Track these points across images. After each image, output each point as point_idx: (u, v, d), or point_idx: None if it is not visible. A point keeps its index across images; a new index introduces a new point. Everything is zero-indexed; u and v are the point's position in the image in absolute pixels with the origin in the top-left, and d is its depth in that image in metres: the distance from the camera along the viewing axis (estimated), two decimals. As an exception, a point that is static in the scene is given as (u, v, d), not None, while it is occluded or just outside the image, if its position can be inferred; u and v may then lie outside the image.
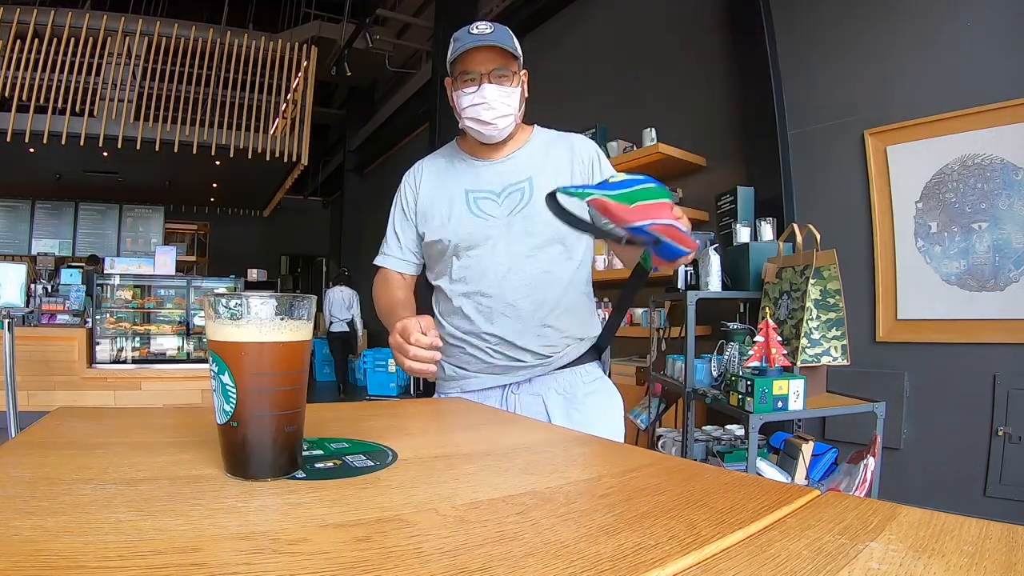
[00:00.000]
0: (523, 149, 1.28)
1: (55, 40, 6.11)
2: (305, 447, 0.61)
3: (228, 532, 0.38)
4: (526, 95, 1.27)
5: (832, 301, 2.16)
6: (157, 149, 6.49)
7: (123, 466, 0.53)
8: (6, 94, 5.89)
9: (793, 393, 1.91)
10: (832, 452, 2.20)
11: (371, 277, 1.39)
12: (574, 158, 1.28)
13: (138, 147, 6.37)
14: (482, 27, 1.19)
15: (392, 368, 6.97)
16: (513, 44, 1.18)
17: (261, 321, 0.51)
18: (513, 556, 0.36)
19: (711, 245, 2.66)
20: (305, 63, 7.11)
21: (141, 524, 0.39)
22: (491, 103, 1.16)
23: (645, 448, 0.74)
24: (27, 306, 3.88)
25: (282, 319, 0.52)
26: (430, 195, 1.30)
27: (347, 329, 7.43)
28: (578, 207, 0.95)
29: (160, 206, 8.63)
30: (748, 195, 2.92)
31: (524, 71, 1.24)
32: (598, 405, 1.24)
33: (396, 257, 1.34)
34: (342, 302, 7.38)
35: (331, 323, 7.39)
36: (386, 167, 9.43)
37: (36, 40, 6.03)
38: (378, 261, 1.35)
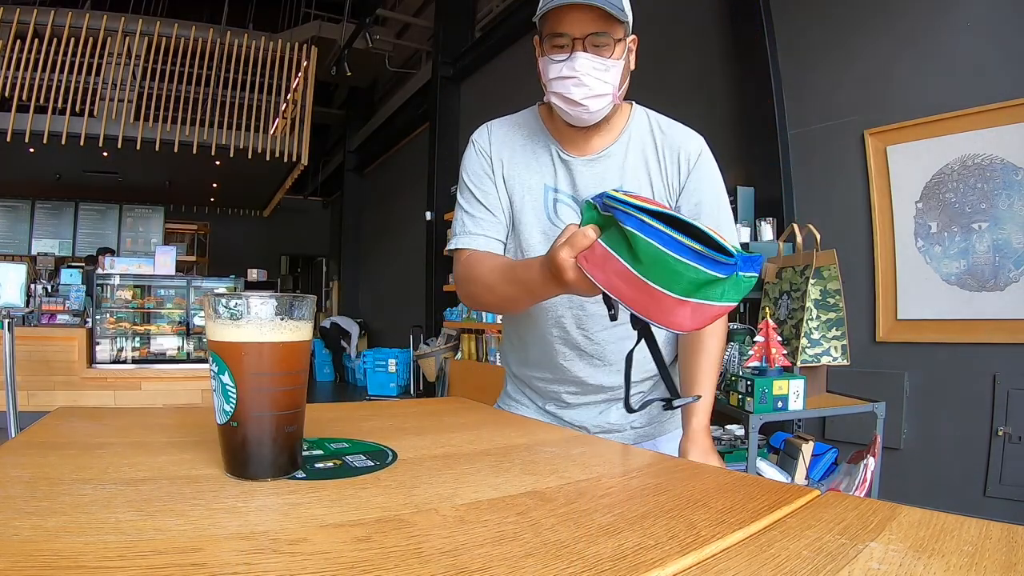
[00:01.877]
0: (618, 144, 1.05)
1: (55, 40, 6.10)
2: (305, 447, 0.61)
3: (228, 532, 0.38)
4: (632, 66, 1.03)
5: (832, 301, 2.16)
6: (157, 149, 6.49)
7: (123, 466, 0.53)
8: (6, 94, 5.88)
9: (793, 393, 1.91)
10: (832, 452, 2.20)
11: (373, 279, 1.25)
12: (671, 165, 1.05)
13: (138, 147, 6.37)
14: None
15: (392, 368, 6.98)
16: (620, 2, 0.93)
17: (261, 321, 0.51)
18: (513, 556, 0.36)
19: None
20: (305, 63, 7.10)
21: (141, 524, 0.39)
22: (582, 78, 0.93)
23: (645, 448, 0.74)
24: (27, 306, 3.88)
25: (282, 319, 0.52)
26: (505, 168, 1.07)
27: (328, 326, 8.51)
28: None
29: (160, 206, 8.63)
30: (748, 195, 2.92)
31: (633, 36, 1.01)
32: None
33: (486, 235, 1.04)
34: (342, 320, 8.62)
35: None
36: (386, 167, 9.43)
37: (36, 40, 6.03)
38: (461, 244, 1.05)
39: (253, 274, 8.52)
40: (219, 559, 0.34)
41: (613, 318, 0.77)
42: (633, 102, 1.11)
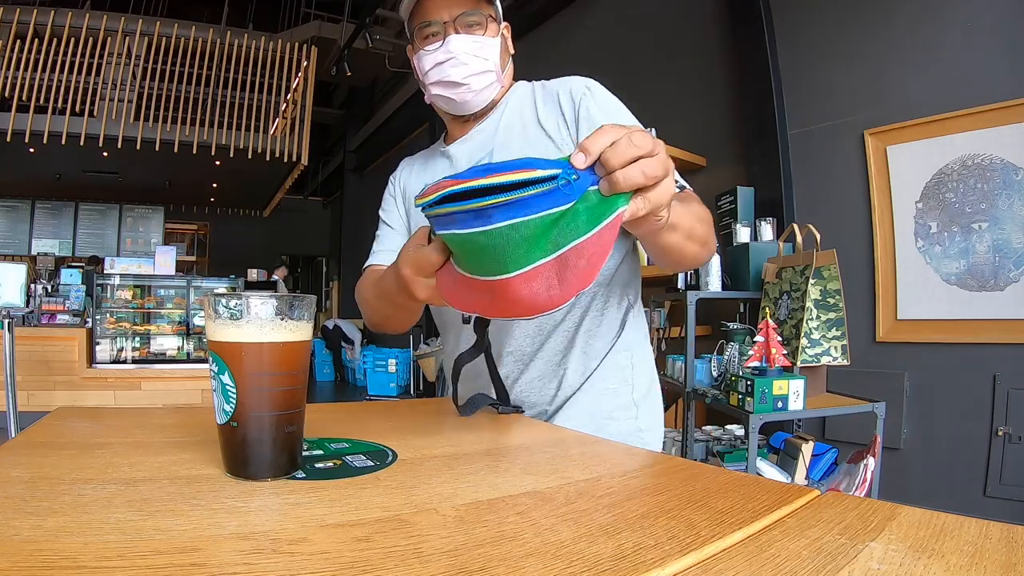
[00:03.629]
0: (489, 119, 0.99)
1: (55, 40, 6.11)
2: (305, 447, 0.61)
3: (228, 532, 0.38)
4: (511, 50, 1.00)
5: (832, 301, 2.16)
6: (157, 149, 6.49)
7: (123, 466, 0.53)
8: (6, 94, 5.89)
9: (793, 393, 1.91)
10: (832, 452, 2.21)
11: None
12: (548, 107, 0.94)
13: (138, 147, 6.37)
14: None
15: (392, 368, 6.98)
16: None
17: (261, 321, 0.51)
18: (513, 556, 0.36)
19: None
20: (305, 63, 7.11)
21: (141, 524, 0.39)
22: (460, 56, 0.88)
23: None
24: (27, 306, 3.88)
25: (282, 319, 0.52)
26: (405, 194, 1.06)
27: (331, 327, 8.41)
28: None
29: (160, 206, 8.64)
30: (748, 195, 2.92)
31: (505, 24, 0.98)
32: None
33: (385, 249, 1.02)
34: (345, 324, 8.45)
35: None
36: (386, 167, 9.42)
37: (36, 40, 6.03)
38: (367, 263, 1.04)
39: (253, 274, 8.52)
40: (219, 559, 0.34)
41: (465, 321, 0.77)
42: (522, 81, 1.03)
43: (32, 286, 4.86)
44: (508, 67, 0.99)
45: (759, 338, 1.95)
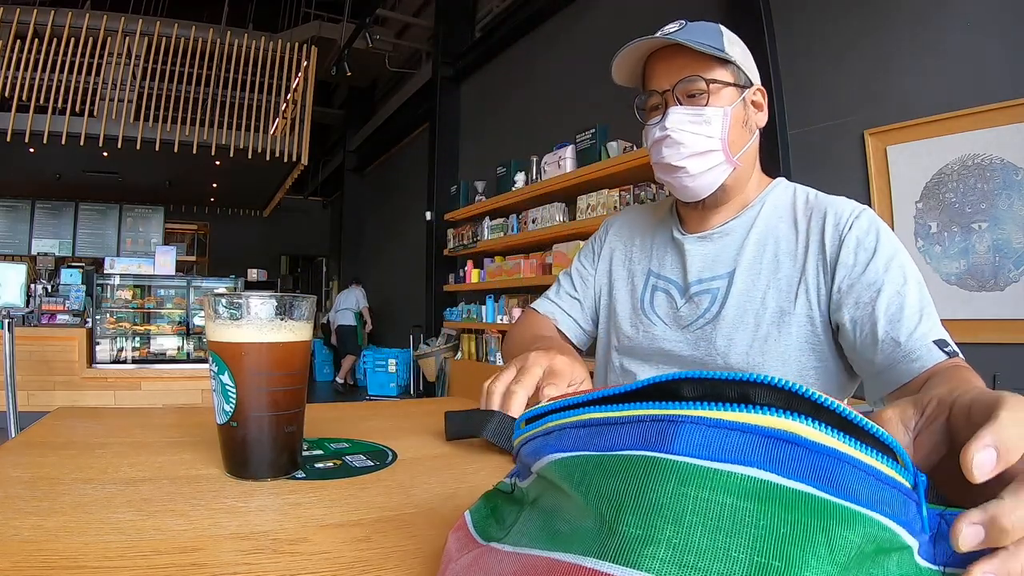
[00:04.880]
0: (741, 218, 0.83)
1: (55, 40, 6.11)
2: (305, 447, 0.61)
3: (228, 532, 0.38)
4: (758, 124, 0.82)
5: (832, 301, 2.16)
6: (157, 149, 6.49)
7: (123, 466, 0.53)
8: (6, 94, 5.89)
9: (793, 393, 1.91)
10: (832, 452, 2.20)
11: (373, 278, 1.21)
12: (811, 234, 0.79)
13: (138, 147, 6.37)
14: (670, 26, 0.81)
15: (392, 368, 6.98)
16: (717, 39, 0.77)
17: (261, 321, 0.51)
18: (513, 556, 0.35)
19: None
20: (305, 63, 7.11)
21: (141, 524, 0.39)
22: (674, 135, 0.76)
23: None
24: (27, 306, 3.88)
25: (282, 319, 0.52)
26: (615, 254, 0.96)
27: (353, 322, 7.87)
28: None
29: (160, 206, 8.63)
30: (748, 195, 2.92)
31: (757, 88, 0.81)
32: None
33: (558, 304, 0.97)
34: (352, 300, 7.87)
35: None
36: (386, 167, 9.44)
37: (36, 40, 6.03)
38: (535, 304, 0.99)
39: (253, 274, 8.51)
40: (219, 559, 0.34)
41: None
42: (782, 179, 0.88)
43: (32, 286, 4.87)
44: (750, 145, 0.81)
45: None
